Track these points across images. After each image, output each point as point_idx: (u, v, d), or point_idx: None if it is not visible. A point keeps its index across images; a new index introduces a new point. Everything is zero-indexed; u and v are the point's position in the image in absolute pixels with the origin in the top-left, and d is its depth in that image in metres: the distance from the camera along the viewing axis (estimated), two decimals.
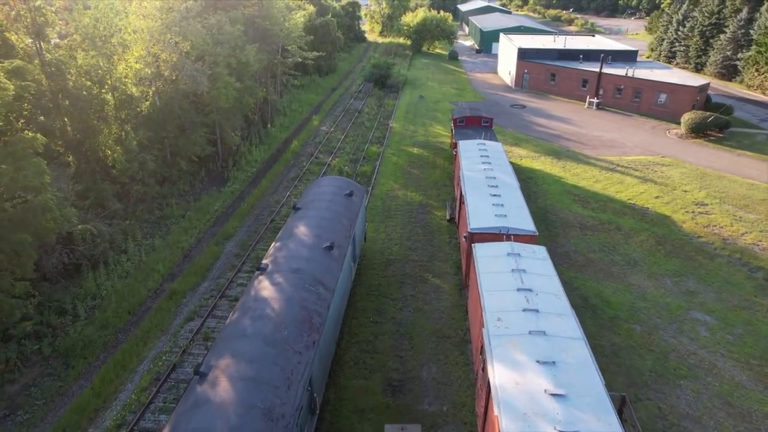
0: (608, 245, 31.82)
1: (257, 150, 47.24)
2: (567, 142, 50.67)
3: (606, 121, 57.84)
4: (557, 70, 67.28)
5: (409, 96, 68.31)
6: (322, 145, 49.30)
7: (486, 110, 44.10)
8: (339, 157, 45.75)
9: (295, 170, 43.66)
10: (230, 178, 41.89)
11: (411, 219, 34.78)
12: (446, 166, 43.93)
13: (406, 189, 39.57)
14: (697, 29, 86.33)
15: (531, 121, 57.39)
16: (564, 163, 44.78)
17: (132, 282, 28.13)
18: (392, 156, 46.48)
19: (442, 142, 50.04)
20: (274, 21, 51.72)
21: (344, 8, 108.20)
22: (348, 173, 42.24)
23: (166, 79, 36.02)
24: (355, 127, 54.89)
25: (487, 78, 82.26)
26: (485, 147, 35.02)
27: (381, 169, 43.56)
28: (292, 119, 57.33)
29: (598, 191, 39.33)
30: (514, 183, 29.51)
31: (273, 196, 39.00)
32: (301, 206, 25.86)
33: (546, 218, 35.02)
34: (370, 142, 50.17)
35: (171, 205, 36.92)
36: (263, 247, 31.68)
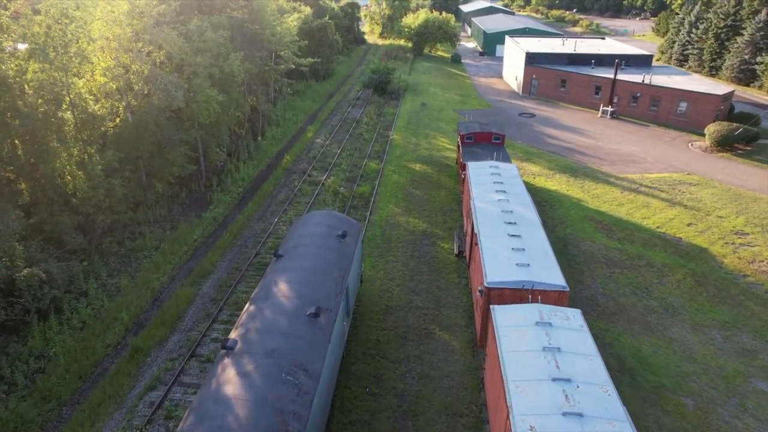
0: (641, 286, 27.45)
1: (245, 167, 42.87)
2: (582, 156, 46.25)
3: (622, 132, 53.41)
4: (568, 76, 62.85)
5: (411, 103, 63.91)
6: (316, 160, 44.92)
7: (496, 124, 39.67)
8: (334, 175, 41.38)
9: (286, 191, 39.29)
10: (213, 200, 37.53)
11: (414, 253, 30.43)
12: (452, 186, 39.56)
13: (408, 214, 35.21)
14: (712, 31, 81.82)
15: (542, 132, 52.99)
16: (582, 182, 40.37)
17: (88, 335, 23.80)
18: (393, 174, 42.10)
19: (446, 157, 45.65)
20: (264, 25, 47.31)
21: (343, 9, 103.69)
22: (344, 195, 37.86)
23: (137, 93, 31.63)
24: (353, 139, 50.51)
25: (492, 83, 77.82)
26: (498, 171, 30.64)
27: (380, 189, 39.18)
28: (286, 130, 52.94)
29: (623, 217, 34.94)
30: (534, 218, 25.13)
31: (259, 223, 34.64)
32: (283, 252, 21.49)
33: (567, 251, 30.66)
34: (369, 156, 45.79)
35: (144, 234, 32.60)
36: (244, 289, 27.34)
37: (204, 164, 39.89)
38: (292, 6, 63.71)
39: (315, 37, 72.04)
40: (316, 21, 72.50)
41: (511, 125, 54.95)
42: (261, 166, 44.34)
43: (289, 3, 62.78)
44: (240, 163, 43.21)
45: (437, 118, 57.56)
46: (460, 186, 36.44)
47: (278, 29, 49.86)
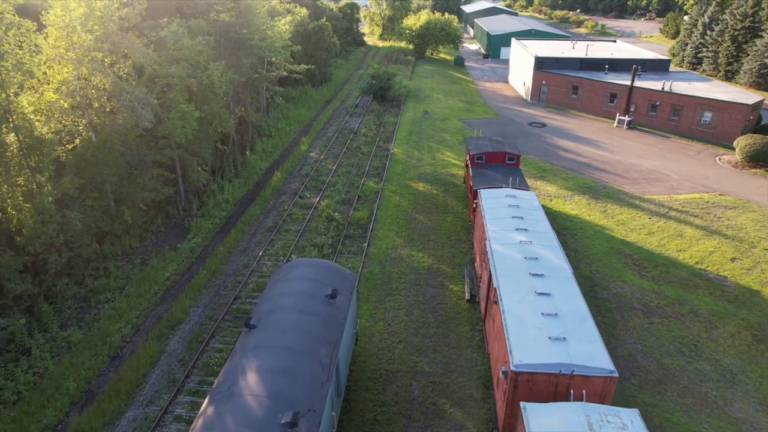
0: (687, 342, 23.01)
1: (231, 186, 38.41)
2: (601, 174, 41.75)
3: (642, 144, 48.91)
4: (580, 82, 58.31)
5: (412, 112, 59.40)
6: (309, 178, 40.45)
7: (505, 136, 35.07)
8: (328, 197, 36.91)
9: (274, 216, 34.83)
10: (192, 227, 33.08)
11: (419, 297, 25.98)
12: (460, 210, 35.11)
13: (411, 246, 30.75)
14: (728, 33, 77.21)
15: (554, 145, 48.50)
16: (604, 206, 35.89)
17: (21, 415, 19.37)
18: (393, 195, 37.63)
19: (452, 174, 41.16)
20: (253, 29, 42.80)
21: (342, 10, 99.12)
22: (338, 222, 33.40)
23: (97, 110, 27.15)
24: (350, 153, 46.04)
25: (497, 88, 73.29)
26: (516, 201, 26.16)
27: (380, 214, 34.72)
28: (278, 142, 48.47)
29: (654, 249, 30.47)
30: (565, 267, 20.66)
31: (242, 256, 30.19)
32: (256, 321, 17.02)
33: (595, 294, 26.21)
34: (367, 174, 41.32)
35: (110, 271, 28.20)
36: (218, 346, 22.92)
37: (183, 186, 35.44)
38: (285, 8, 59.16)
39: (311, 40, 67.57)
40: (312, 23, 67.97)
41: (520, 136, 50.45)
42: (248, 184, 39.88)
43: (283, 4, 58.25)
44: (225, 182, 38.76)
45: (441, 128, 53.05)
46: (470, 213, 31.97)
47: (269, 33, 45.35)
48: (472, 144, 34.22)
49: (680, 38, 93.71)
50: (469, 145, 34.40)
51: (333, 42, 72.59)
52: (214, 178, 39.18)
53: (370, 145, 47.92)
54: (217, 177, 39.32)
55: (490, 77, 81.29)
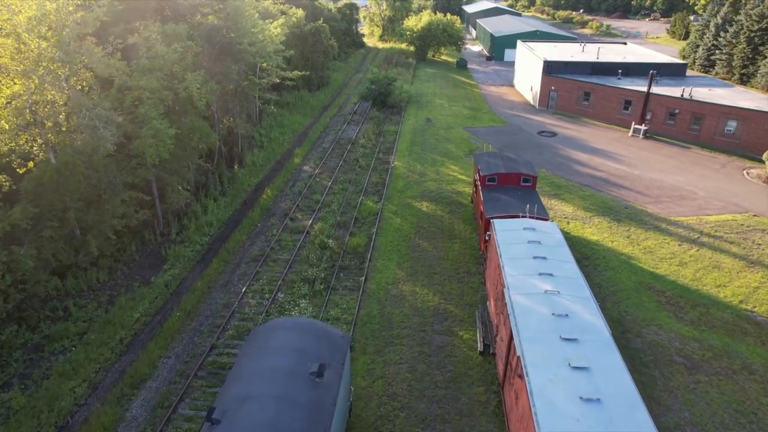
0: (744, 410, 19.27)
1: (216, 206, 34.69)
2: (621, 191, 37.99)
3: (661, 155, 45.13)
4: (592, 88, 54.50)
5: (414, 119, 55.62)
6: (302, 196, 36.70)
7: (524, 161, 31.20)
8: (322, 219, 33.18)
9: (261, 242, 31.10)
10: (170, 256, 29.36)
11: (424, 347, 22.25)
12: (468, 235, 31.39)
13: (414, 280, 27.02)
14: (744, 35, 73.37)
15: (568, 157, 44.72)
16: (627, 229, 32.15)
17: None
18: (394, 217, 33.89)
19: (459, 192, 37.41)
20: (242, 33, 39.04)
21: (340, 11, 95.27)
22: (333, 250, 29.66)
23: (52, 129, 23.40)
24: (347, 167, 42.27)
25: (503, 92, 69.47)
26: (537, 236, 22.42)
27: (379, 240, 30.99)
28: (270, 154, 44.71)
29: (689, 284, 26.72)
30: (601, 327, 16.93)
31: (223, 292, 26.47)
32: (221, 415, 13.23)
33: (627, 342, 22.48)
34: (366, 191, 37.57)
35: (71, 312, 24.51)
36: (187, 413, 19.20)
37: (160, 208, 31.71)
38: (279, 9, 55.30)
39: (308, 42, 63.78)
40: (309, 25, 64.14)
41: (530, 147, 46.69)
42: (235, 203, 36.14)
43: (276, 5, 54.42)
44: (209, 201, 35.02)
45: (445, 138, 49.28)
46: (481, 242, 28.21)
47: (259, 37, 41.58)
48: (482, 162, 30.44)
49: (691, 40, 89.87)
50: (478, 164, 30.62)
51: (330, 44, 68.78)
52: (197, 196, 35.45)
53: (369, 157, 44.15)
54: (200, 195, 35.58)
55: (495, 81, 77.47)
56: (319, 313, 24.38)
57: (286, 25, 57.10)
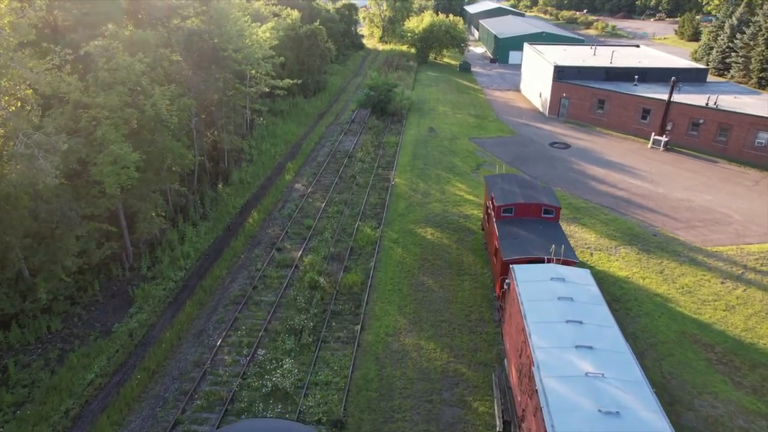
0: None
1: (195, 233, 30.64)
2: (646, 213, 33.88)
3: (685, 170, 40.98)
4: (607, 95, 50.34)
5: (416, 128, 51.48)
6: (292, 221, 32.62)
7: (547, 190, 26.88)
8: (314, 250, 29.10)
9: (243, 278, 27.03)
10: (138, 297, 25.30)
11: (431, 425, 18.16)
12: (479, 270, 27.32)
13: (418, 330, 22.94)
14: (762, 37, 69.09)
15: (583, 172, 40.60)
16: (660, 262, 28.05)
17: None
18: (395, 246, 29.81)
19: (467, 215, 33.33)
20: (226, 38, 34.92)
21: (339, 11, 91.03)
22: (324, 289, 25.57)
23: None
24: (343, 184, 38.15)
25: (509, 98, 65.28)
26: (567, 289, 18.33)
27: (377, 277, 26.90)
28: (259, 169, 40.62)
29: (742, 336, 22.62)
30: (663, 428, 12.85)
31: (195, 345, 22.42)
32: None
33: (677, 420, 18.39)
34: (363, 215, 33.47)
35: (9, 374, 20.48)
36: None
37: (129, 239, 27.63)
38: (271, 11, 51.08)
39: (303, 46, 59.58)
40: (304, 27, 59.95)
41: (543, 161, 42.58)
42: (218, 229, 32.08)
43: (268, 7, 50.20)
44: (188, 227, 30.95)
45: (450, 150, 45.13)
46: (496, 287, 24.07)
47: (246, 42, 37.45)
48: (495, 188, 26.28)
49: (703, 41, 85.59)
50: (492, 190, 26.48)
51: (327, 47, 64.58)
52: (174, 222, 31.37)
53: (367, 173, 40.01)
54: (178, 221, 31.49)
55: (500, 85, 73.26)
56: (306, 376, 20.31)
57: (280, 28, 52.97)
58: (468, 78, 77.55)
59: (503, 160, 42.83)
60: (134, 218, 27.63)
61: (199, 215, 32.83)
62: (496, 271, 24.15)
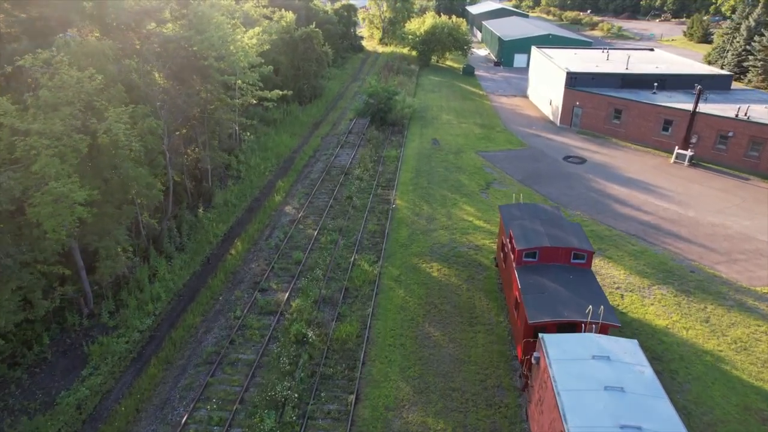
0: None
1: (169, 269, 26.60)
2: (678, 243, 29.79)
3: (714, 189, 36.87)
4: (625, 104, 46.18)
5: (419, 140, 47.37)
6: (279, 254, 28.54)
7: (575, 228, 22.53)
8: (303, 292, 24.99)
9: (220, 329, 22.96)
10: (94, 353, 21.27)
11: None
12: (494, 318, 23.25)
13: (425, 403, 18.88)
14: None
15: (603, 192, 36.51)
16: (703, 307, 23.97)
17: None
18: (396, 287, 25.73)
19: (477, 246, 29.25)
20: (207, 45, 30.79)
21: (338, 13, 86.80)
22: (314, 345, 21.50)
23: None
24: (338, 207, 34.06)
25: (516, 105, 61.11)
26: (615, 373, 14.28)
27: (376, 327, 22.83)
28: (246, 188, 36.56)
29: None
30: None
31: (155, 421, 18.38)
32: None
33: None
34: (360, 245, 29.39)
35: None
36: None
37: (88, 282, 23.54)
38: (261, 13, 46.89)
39: (299, 50, 55.44)
40: (299, 30, 55.78)
41: (558, 178, 38.48)
42: (195, 262, 28.03)
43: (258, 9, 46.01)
44: (162, 262, 26.89)
45: (456, 165, 41.01)
46: (518, 349, 19.93)
47: (230, 49, 33.34)
48: (514, 225, 22.15)
49: (717, 44, 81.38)
50: (510, 226, 22.37)
51: (324, 51, 60.40)
52: (146, 255, 27.28)
53: (366, 193, 35.90)
54: (151, 253, 27.41)
55: (506, 90, 69.07)
56: None
57: (272, 32, 48.86)
58: (472, 82, 73.35)
59: (514, 177, 38.73)
60: (95, 258, 23.59)
61: (176, 246, 28.76)
62: (517, 330, 20.05)
